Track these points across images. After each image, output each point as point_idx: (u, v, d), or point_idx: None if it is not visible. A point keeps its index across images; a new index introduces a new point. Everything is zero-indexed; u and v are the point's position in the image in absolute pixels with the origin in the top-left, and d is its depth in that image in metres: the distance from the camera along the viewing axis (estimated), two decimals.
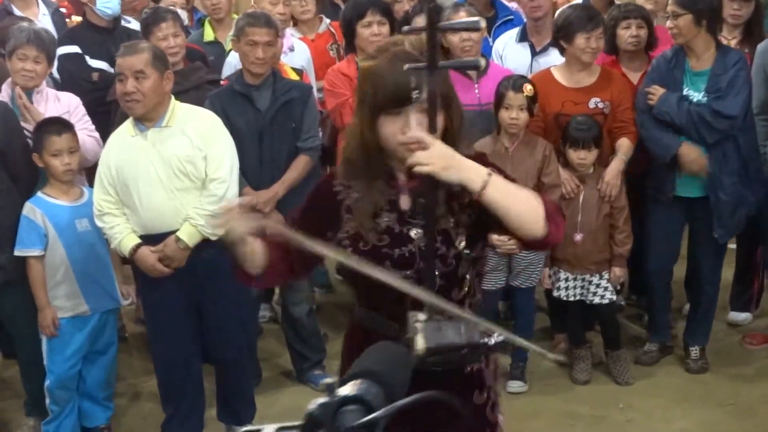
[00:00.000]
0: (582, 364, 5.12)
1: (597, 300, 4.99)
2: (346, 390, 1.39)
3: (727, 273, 5.65)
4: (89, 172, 4.77)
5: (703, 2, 4.69)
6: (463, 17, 4.95)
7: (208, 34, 6.00)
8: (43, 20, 6.34)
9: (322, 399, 1.35)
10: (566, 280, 4.99)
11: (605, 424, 4.66)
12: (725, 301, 5.63)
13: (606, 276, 4.97)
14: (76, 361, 4.53)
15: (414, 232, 2.47)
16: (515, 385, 5.01)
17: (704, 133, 4.74)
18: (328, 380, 1.40)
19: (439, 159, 2.24)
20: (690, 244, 5.21)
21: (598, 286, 4.98)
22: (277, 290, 5.66)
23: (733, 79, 4.72)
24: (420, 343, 2.19)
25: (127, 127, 4.27)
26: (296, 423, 1.33)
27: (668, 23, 4.76)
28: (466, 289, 2.53)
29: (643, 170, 5.04)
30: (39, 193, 4.49)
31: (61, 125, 4.50)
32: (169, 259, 4.21)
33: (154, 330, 4.52)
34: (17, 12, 6.24)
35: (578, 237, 4.92)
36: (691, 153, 4.80)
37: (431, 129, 2.30)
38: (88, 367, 4.61)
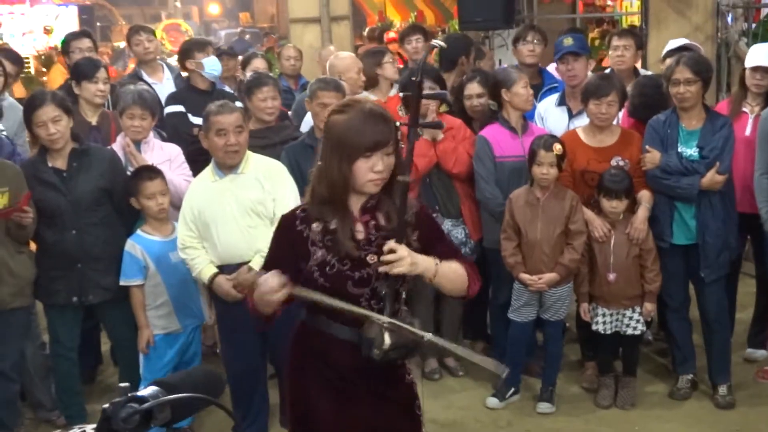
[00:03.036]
0: (606, 390, 5.13)
1: (630, 331, 5.01)
2: (136, 392, 1.58)
3: (745, 313, 5.64)
4: None
5: (709, 72, 4.85)
6: (521, 86, 5.16)
7: None
8: (167, 84, 6.75)
9: (116, 399, 1.55)
10: (603, 315, 5.02)
11: None
12: (744, 338, 5.60)
13: (638, 309, 5.00)
14: (167, 371, 4.70)
15: (370, 258, 2.76)
16: (544, 407, 5.04)
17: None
18: (122, 385, 1.59)
19: (407, 264, 2.65)
20: (695, 290, 5.19)
21: (631, 318, 5.00)
22: None
23: (725, 141, 4.81)
24: (387, 339, 2.67)
25: (207, 173, 4.52)
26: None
27: (681, 88, 4.79)
28: (403, 301, 2.86)
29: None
30: (138, 231, 4.75)
31: (152, 172, 4.76)
32: (242, 285, 4.38)
33: (227, 346, 4.73)
34: (146, 77, 6.67)
35: (611, 276, 4.96)
36: (709, 179, 4.79)
37: (404, 167, 2.79)
38: None
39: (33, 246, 4.74)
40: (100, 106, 5.60)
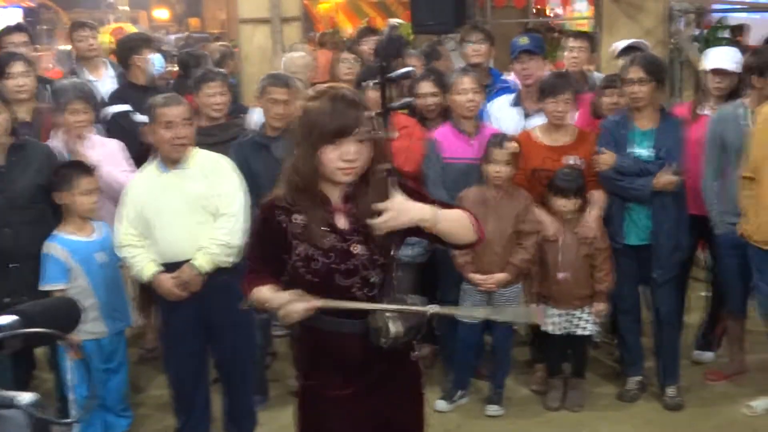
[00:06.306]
0: (555, 392, 5.10)
1: (580, 331, 4.97)
2: None
3: (691, 317, 5.69)
4: None
5: (662, 72, 4.86)
6: (467, 82, 5.08)
7: None
8: (107, 81, 6.60)
9: None
10: (553, 315, 4.97)
11: None
12: (691, 341, 5.61)
13: (588, 310, 4.97)
14: (96, 378, 4.50)
15: (354, 248, 2.67)
16: (492, 409, 5.00)
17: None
18: None
19: (397, 216, 2.53)
20: (648, 291, 5.17)
21: (580, 318, 4.97)
22: None
23: (679, 142, 4.81)
24: (392, 328, 2.63)
25: (150, 169, 4.38)
26: None
27: (635, 87, 4.77)
28: (393, 287, 2.76)
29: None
30: (57, 232, 4.49)
31: (86, 167, 4.58)
32: (185, 284, 4.24)
33: (168, 348, 4.56)
34: (86, 74, 6.51)
35: (561, 275, 4.92)
36: (663, 180, 4.76)
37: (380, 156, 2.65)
38: (106, 386, 4.65)
39: None
40: (27, 101, 5.35)
